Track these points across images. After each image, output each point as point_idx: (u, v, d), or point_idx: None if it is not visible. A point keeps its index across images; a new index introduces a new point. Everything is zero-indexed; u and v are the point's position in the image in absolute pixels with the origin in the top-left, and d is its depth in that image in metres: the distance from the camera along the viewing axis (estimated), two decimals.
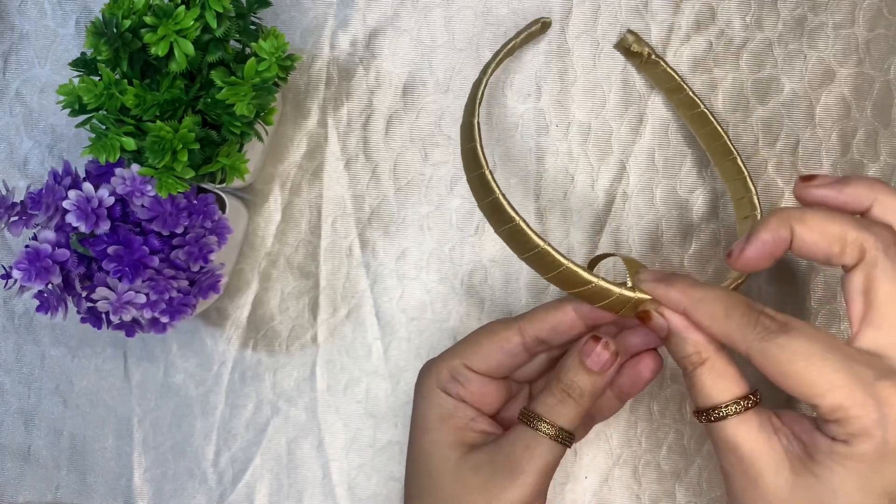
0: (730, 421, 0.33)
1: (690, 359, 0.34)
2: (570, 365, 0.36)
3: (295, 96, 0.46)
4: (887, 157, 0.45)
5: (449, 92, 0.46)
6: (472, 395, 0.38)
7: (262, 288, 0.46)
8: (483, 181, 0.36)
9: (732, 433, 0.33)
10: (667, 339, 0.35)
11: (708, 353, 0.34)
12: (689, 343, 0.34)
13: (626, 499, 0.45)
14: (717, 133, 0.43)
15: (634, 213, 0.45)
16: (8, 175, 0.47)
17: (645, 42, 0.44)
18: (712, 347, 0.34)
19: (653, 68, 0.45)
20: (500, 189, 0.35)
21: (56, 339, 0.47)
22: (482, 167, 0.36)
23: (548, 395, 0.36)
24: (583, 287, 0.35)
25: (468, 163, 0.37)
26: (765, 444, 0.32)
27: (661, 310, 0.34)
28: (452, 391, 0.38)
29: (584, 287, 0.35)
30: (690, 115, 0.44)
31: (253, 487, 0.46)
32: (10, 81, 0.47)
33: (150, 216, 0.38)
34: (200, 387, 0.46)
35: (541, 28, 0.45)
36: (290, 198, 0.46)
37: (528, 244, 0.34)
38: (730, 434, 0.33)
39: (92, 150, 0.37)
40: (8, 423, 0.47)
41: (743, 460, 0.33)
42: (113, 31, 0.37)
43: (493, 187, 0.35)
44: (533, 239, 0.34)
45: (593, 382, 0.36)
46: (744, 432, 0.33)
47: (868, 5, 0.45)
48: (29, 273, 0.36)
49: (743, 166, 0.42)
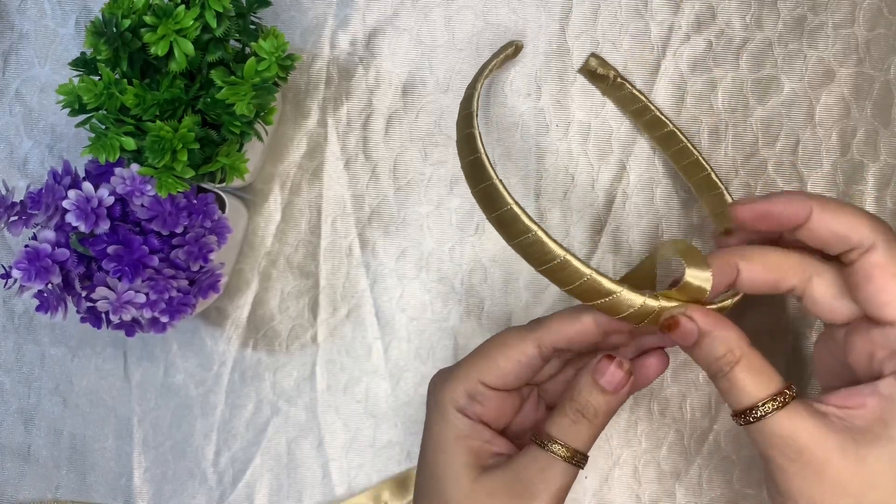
0: (778, 415, 0.32)
1: (725, 359, 0.33)
2: (584, 385, 0.35)
3: (295, 96, 0.46)
4: (887, 156, 0.45)
5: (449, 92, 0.46)
6: (489, 413, 0.37)
7: (262, 288, 0.46)
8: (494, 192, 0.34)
9: (786, 427, 0.32)
10: (696, 344, 0.34)
11: (742, 350, 0.33)
12: (722, 342, 0.33)
13: (626, 499, 0.45)
14: (687, 150, 0.43)
15: (634, 213, 0.45)
16: (8, 175, 0.47)
17: (610, 65, 0.44)
18: (745, 344, 0.33)
19: (618, 91, 0.44)
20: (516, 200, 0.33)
21: (56, 339, 0.47)
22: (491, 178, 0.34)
23: (561, 416, 0.35)
24: (605, 298, 0.33)
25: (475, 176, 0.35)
26: (823, 429, 0.32)
27: (689, 313, 0.33)
28: (470, 412, 0.37)
29: (606, 298, 0.33)
30: (658, 135, 0.44)
31: (253, 487, 0.46)
32: (10, 81, 0.47)
33: (150, 216, 0.38)
34: (200, 387, 0.46)
35: (514, 51, 0.44)
36: (290, 197, 0.46)
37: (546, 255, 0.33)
38: (783, 428, 0.32)
39: (92, 150, 0.37)
40: (8, 423, 0.47)
41: (803, 452, 0.32)
42: (113, 31, 0.37)
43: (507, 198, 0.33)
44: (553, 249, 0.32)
45: (607, 402, 0.35)
46: (797, 423, 0.32)
47: (868, 5, 0.45)
48: (29, 273, 0.36)
49: (718, 180, 0.42)
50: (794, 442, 0.32)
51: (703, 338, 0.33)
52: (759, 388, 0.33)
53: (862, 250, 0.33)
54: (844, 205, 0.34)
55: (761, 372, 0.33)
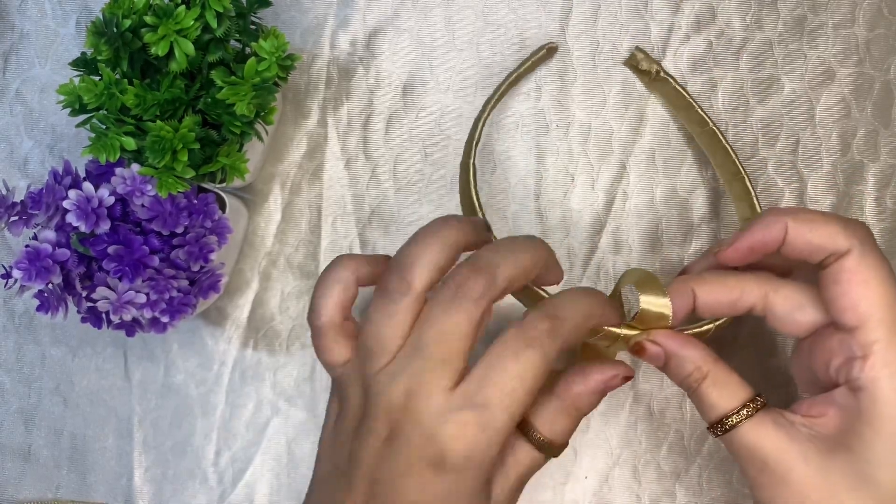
0: (744, 426, 0.33)
1: (693, 376, 0.34)
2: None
3: (295, 96, 0.46)
4: (887, 157, 0.45)
5: (449, 92, 0.46)
6: None
7: (263, 288, 0.46)
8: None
9: (751, 437, 0.33)
10: (666, 365, 0.35)
11: (708, 366, 0.34)
12: (688, 361, 0.34)
13: (626, 499, 0.45)
14: (725, 152, 0.43)
15: (634, 213, 0.45)
16: (8, 175, 0.47)
17: (654, 60, 0.44)
18: (710, 360, 0.34)
19: (661, 86, 0.45)
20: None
21: (56, 339, 0.47)
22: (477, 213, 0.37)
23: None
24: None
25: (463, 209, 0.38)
26: (786, 438, 0.32)
27: (652, 337, 0.35)
28: None
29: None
30: (699, 132, 0.44)
31: (253, 487, 0.46)
32: (11, 81, 0.47)
33: (150, 216, 0.38)
34: (201, 386, 0.46)
35: (547, 53, 0.45)
36: (290, 197, 0.46)
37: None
38: (748, 439, 0.33)
39: (92, 150, 0.37)
40: (8, 423, 0.47)
41: (768, 461, 0.32)
42: (113, 31, 0.37)
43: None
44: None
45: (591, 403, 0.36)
46: (762, 433, 0.33)
47: (868, 5, 0.45)
48: (29, 273, 0.36)
49: (751, 187, 0.42)
50: (758, 452, 0.33)
51: (670, 359, 0.35)
52: (726, 400, 0.33)
53: (837, 255, 0.33)
54: (817, 214, 0.34)
55: (728, 384, 0.34)
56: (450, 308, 0.32)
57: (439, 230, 0.34)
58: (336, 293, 0.35)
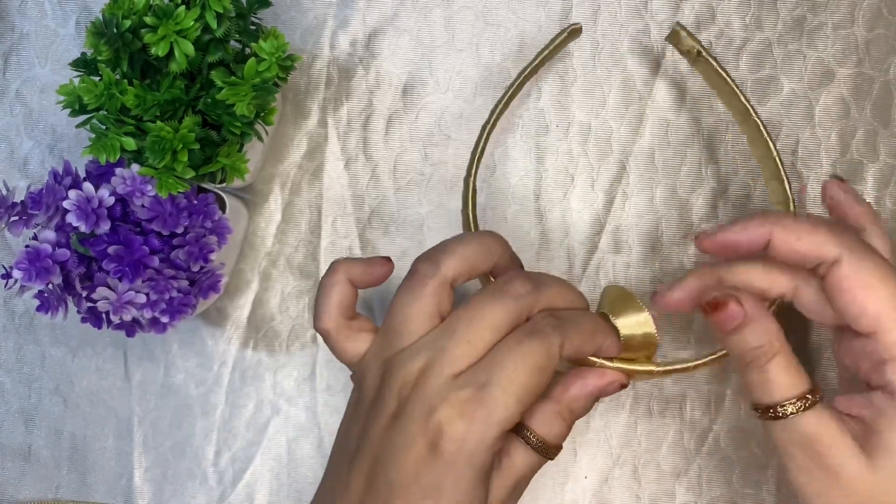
0: (806, 416, 0.32)
1: (762, 349, 0.33)
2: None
3: (295, 96, 0.46)
4: (887, 157, 0.45)
5: (448, 92, 0.46)
6: None
7: (263, 288, 0.46)
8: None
9: (811, 429, 0.32)
10: (736, 330, 0.33)
11: (781, 345, 0.33)
12: (766, 333, 0.33)
13: (626, 498, 0.45)
14: (761, 136, 0.41)
15: (634, 213, 0.45)
16: (8, 175, 0.47)
17: (695, 39, 0.41)
18: (783, 339, 0.33)
19: (703, 66, 0.42)
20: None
21: (56, 339, 0.47)
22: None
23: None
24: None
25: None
26: (840, 434, 0.32)
27: (740, 295, 0.33)
28: None
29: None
30: (736, 114, 0.43)
31: (253, 487, 0.46)
32: (11, 81, 0.47)
33: (151, 216, 0.38)
34: (201, 387, 0.46)
35: (569, 36, 0.42)
36: (290, 198, 0.46)
37: None
38: (808, 430, 0.32)
39: (92, 150, 0.37)
40: (8, 423, 0.47)
41: (823, 455, 0.32)
42: (113, 32, 0.37)
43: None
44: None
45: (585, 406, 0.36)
46: (822, 425, 0.32)
47: (868, 5, 0.45)
48: (29, 273, 0.36)
49: (784, 173, 0.40)
50: (816, 444, 0.32)
51: (746, 325, 0.33)
52: (791, 387, 0.33)
53: (829, 265, 0.33)
54: (803, 221, 0.33)
55: (795, 370, 0.33)
56: (491, 299, 0.34)
57: (482, 235, 0.36)
58: (333, 296, 0.36)
